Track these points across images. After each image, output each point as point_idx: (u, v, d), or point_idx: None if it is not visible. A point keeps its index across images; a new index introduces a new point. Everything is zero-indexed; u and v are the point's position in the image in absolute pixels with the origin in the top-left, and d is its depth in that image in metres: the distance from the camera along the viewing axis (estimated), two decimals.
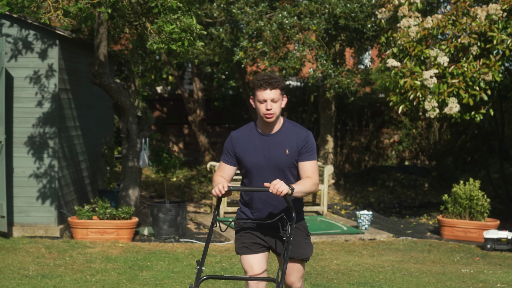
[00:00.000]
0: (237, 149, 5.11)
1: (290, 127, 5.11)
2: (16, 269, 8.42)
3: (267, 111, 4.95)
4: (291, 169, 5.07)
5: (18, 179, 10.58)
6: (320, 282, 8.09)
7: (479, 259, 9.87)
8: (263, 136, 5.09)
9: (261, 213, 5.09)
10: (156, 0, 8.29)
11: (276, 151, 5.04)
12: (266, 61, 13.12)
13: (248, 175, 5.13)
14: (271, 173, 5.02)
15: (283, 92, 5.04)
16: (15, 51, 10.49)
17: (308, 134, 5.09)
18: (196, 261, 4.49)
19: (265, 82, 4.95)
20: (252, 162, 5.07)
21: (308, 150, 5.06)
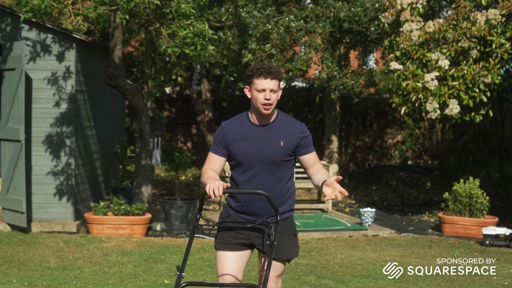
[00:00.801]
0: (228, 139, 4.87)
1: (284, 118, 4.91)
2: (37, 261, 8.89)
3: (266, 101, 4.72)
4: (284, 162, 4.85)
5: (36, 177, 11.05)
6: (325, 274, 8.54)
7: (478, 254, 10.29)
8: (256, 126, 4.85)
9: (249, 206, 4.87)
10: (170, 7, 8.76)
11: (269, 143, 4.82)
12: (274, 63, 13.57)
13: (238, 167, 4.90)
14: (262, 165, 4.82)
15: (280, 83, 4.85)
16: (33, 54, 10.95)
17: (303, 125, 4.93)
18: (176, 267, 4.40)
19: (265, 71, 4.74)
20: (243, 153, 4.83)
21: (309, 142, 4.89)
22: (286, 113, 4.98)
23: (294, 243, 4.93)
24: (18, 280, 7.82)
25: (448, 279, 8.40)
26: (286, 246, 4.86)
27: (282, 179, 4.87)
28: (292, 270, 8.72)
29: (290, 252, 4.89)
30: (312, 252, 10.00)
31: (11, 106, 10.66)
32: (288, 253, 4.88)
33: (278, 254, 4.81)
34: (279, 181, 4.85)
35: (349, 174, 18.55)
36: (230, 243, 4.87)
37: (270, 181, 4.84)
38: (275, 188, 4.84)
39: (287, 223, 4.92)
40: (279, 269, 4.90)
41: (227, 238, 4.89)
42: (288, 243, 4.87)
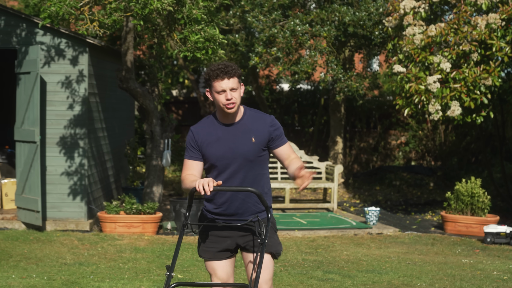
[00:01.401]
0: (200, 142, 4.80)
1: (252, 114, 4.85)
2: (54, 258, 9.24)
3: (228, 101, 4.64)
4: (258, 159, 4.80)
5: (50, 177, 11.40)
6: (332, 269, 8.87)
7: (479, 251, 10.61)
8: (225, 126, 4.78)
9: (227, 207, 4.80)
10: (182, 13, 9.11)
11: (241, 141, 4.75)
12: (280, 66, 13.92)
13: (213, 170, 4.82)
14: (238, 165, 4.76)
15: (240, 80, 4.76)
16: (48, 58, 11.30)
17: (272, 117, 4.85)
18: (166, 266, 4.39)
19: (221, 71, 4.64)
20: (216, 156, 4.76)
21: (279, 134, 4.80)
22: (254, 109, 4.91)
23: (277, 239, 4.86)
24: (38, 275, 8.16)
25: (450, 274, 8.72)
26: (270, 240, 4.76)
27: (259, 175, 4.82)
28: (300, 266, 9.06)
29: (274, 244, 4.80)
30: (319, 249, 10.33)
31: (26, 108, 11.01)
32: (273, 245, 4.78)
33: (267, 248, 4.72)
34: (255, 179, 4.80)
35: (353, 174, 18.87)
36: (215, 251, 4.82)
37: (247, 179, 4.77)
38: (253, 186, 4.73)
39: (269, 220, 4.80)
40: (269, 266, 4.79)
41: (211, 246, 4.83)
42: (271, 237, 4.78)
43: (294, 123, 20.89)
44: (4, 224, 11.31)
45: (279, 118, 20.40)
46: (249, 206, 4.78)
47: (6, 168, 12.88)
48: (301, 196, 16.03)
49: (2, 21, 11.24)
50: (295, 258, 9.60)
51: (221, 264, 4.83)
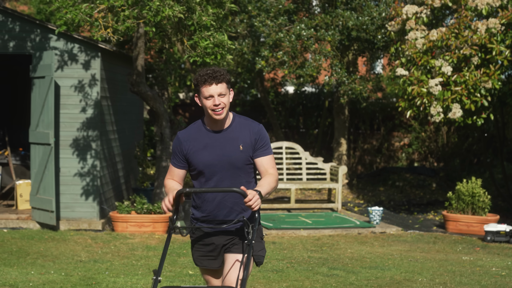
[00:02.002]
0: (185, 150, 4.75)
1: (241, 121, 4.78)
2: (70, 255, 9.61)
3: (216, 107, 4.60)
4: (246, 167, 4.76)
5: (64, 178, 11.77)
6: (337, 266, 9.23)
7: (480, 249, 10.95)
8: (213, 133, 4.73)
9: (215, 215, 4.74)
10: (192, 19, 9.48)
11: (229, 148, 4.70)
12: (286, 70, 14.29)
13: (199, 177, 4.76)
14: (225, 172, 4.70)
15: (229, 85, 4.70)
16: (61, 62, 11.68)
17: (260, 127, 4.78)
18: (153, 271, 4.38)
19: (209, 76, 4.59)
20: (203, 163, 4.70)
21: (263, 144, 4.74)
22: (244, 116, 4.85)
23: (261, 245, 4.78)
24: (55, 271, 8.53)
25: (450, 270, 9.07)
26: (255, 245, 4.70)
27: (246, 183, 4.75)
28: (306, 262, 9.41)
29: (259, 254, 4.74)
30: (324, 247, 10.68)
31: (40, 111, 11.39)
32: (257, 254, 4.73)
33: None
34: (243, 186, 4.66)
35: (357, 176, 19.23)
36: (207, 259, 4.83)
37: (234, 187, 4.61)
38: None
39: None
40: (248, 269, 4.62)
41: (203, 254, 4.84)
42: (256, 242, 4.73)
43: (299, 125, 21.24)
44: (19, 223, 11.68)
45: (284, 120, 20.76)
46: (236, 215, 4.71)
47: (20, 169, 13.25)
48: (306, 196, 16.38)
49: (17, 26, 11.62)
50: (301, 255, 9.96)
51: (216, 273, 4.87)
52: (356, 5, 15.05)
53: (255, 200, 4.42)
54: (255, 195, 4.42)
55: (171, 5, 8.97)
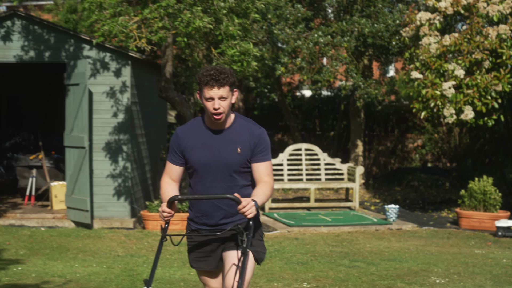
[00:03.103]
0: (183, 146, 4.61)
1: (242, 122, 4.64)
2: (107, 251, 10.28)
3: (215, 111, 4.46)
4: (242, 170, 4.60)
5: (97, 179, 12.46)
6: (357, 258, 9.87)
7: (491, 243, 11.55)
8: (212, 133, 4.59)
9: (209, 217, 4.62)
10: (220, 29, 10.15)
11: (226, 150, 4.56)
12: (304, 75, 14.96)
13: (195, 175, 4.65)
14: (220, 174, 4.56)
15: (232, 87, 4.52)
16: (94, 70, 12.37)
17: (261, 131, 4.62)
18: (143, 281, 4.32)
19: (212, 79, 4.41)
20: (199, 161, 4.56)
21: (262, 149, 4.60)
22: (247, 118, 4.72)
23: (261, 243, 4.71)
24: (97, 264, 9.21)
25: (464, 262, 9.70)
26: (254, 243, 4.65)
27: (243, 187, 4.64)
28: (328, 256, 10.06)
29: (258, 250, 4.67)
30: (344, 242, 11.32)
31: (75, 117, 12.09)
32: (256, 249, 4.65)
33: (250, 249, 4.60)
34: (239, 190, 4.60)
35: (373, 176, 19.85)
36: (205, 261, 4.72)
37: (229, 190, 4.57)
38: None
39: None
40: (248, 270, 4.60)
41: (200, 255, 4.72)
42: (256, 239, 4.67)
43: (315, 128, 21.88)
44: (55, 223, 12.38)
45: (301, 123, 21.41)
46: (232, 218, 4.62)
47: (53, 172, 13.95)
48: (324, 196, 17.02)
49: (52, 37, 12.33)
50: (323, 249, 10.60)
51: (213, 274, 4.78)
52: (371, 12, 15.69)
53: (249, 208, 4.31)
54: (249, 203, 4.31)
55: (201, 17, 9.64)
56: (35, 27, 12.34)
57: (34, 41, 12.32)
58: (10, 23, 12.32)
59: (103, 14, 9.87)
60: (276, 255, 9.99)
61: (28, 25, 12.33)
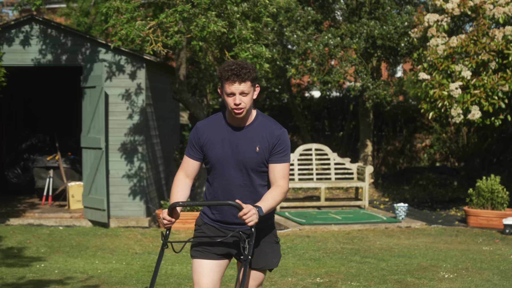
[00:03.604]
0: (202, 141, 4.55)
1: (263, 121, 4.56)
2: (125, 248, 10.60)
3: (236, 106, 4.39)
4: (259, 169, 4.53)
5: (113, 180, 12.78)
6: (368, 255, 10.16)
7: (499, 241, 11.82)
8: (232, 129, 4.53)
9: (224, 214, 4.56)
10: (233, 33, 10.45)
11: (245, 147, 4.49)
12: (315, 77, 15.26)
13: (212, 171, 4.58)
14: (237, 171, 4.51)
15: (254, 82, 4.45)
16: (109, 73, 12.69)
17: (282, 131, 4.53)
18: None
19: (233, 74, 4.34)
20: (217, 157, 4.51)
21: (281, 150, 4.51)
22: (269, 117, 4.65)
23: (276, 252, 4.66)
24: (116, 261, 9.53)
25: (472, 258, 9.98)
26: (267, 255, 4.62)
27: (260, 187, 4.58)
28: (339, 252, 10.35)
29: (271, 262, 4.63)
30: (354, 239, 11.61)
31: (92, 118, 12.41)
32: (268, 263, 4.63)
33: (258, 264, 4.59)
34: (256, 189, 4.57)
35: (381, 176, 20.13)
36: (207, 251, 4.58)
37: (246, 188, 4.54)
38: (252, 196, 4.55)
39: (267, 230, 4.65)
40: (258, 278, 4.64)
41: (204, 246, 4.59)
42: (268, 252, 4.62)
43: (324, 128, 22.17)
44: (73, 222, 12.71)
45: (310, 123, 21.70)
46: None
47: (69, 172, 14.28)
48: (333, 195, 17.31)
49: (69, 41, 12.65)
50: (334, 246, 10.89)
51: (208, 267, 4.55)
52: (379, 14, 15.98)
53: (250, 215, 4.23)
54: (251, 210, 4.22)
55: (215, 21, 9.95)
56: (53, 31, 12.67)
57: (51, 45, 12.65)
58: (28, 28, 12.66)
59: (120, 18, 10.18)
60: (289, 252, 10.29)
61: (45, 29, 12.67)
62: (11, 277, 8.33)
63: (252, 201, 4.48)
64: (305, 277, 8.57)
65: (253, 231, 4.32)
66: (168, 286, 8.06)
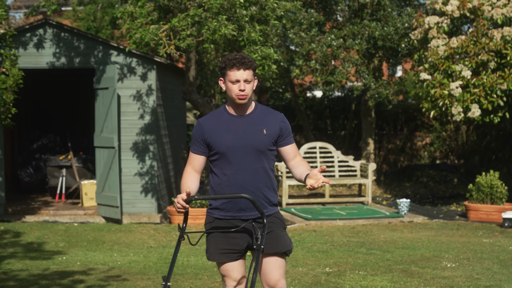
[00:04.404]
0: (207, 134, 4.72)
1: (263, 109, 4.84)
2: (139, 243, 11.05)
3: (240, 92, 4.64)
4: (268, 151, 4.76)
5: (125, 177, 13.23)
6: (373, 247, 10.62)
7: (498, 234, 12.27)
8: (235, 118, 4.75)
9: (236, 201, 4.70)
10: (242, 36, 10.91)
11: (252, 132, 4.71)
12: (318, 77, 15.72)
13: (221, 161, 4.72)
14: (247, 155, 4.70)
15: (255, 73, 4.74)
16: (121, 75, 13.14)
17: (283, 115, 4.86)
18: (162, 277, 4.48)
19: (238, 61, 4.61)
20: (226, 145, 4.68)
21: (289, 132, 4.83)
22: (265, 106, 4.92)
23: (287, 236, 4.83)
24: (134, 254, 9.98)
25: (472, 249, 10.44)
26: (282, 238, 4.78)
27: (267, 170, 4.79)
28: (346, 245, 10.81)
29: (287, 243, 4.79)
30: (359, 233, 12.06)
31: (105, 118, 12.86)
32: (285, 244, 4.79)
33: (278, 247, 4.74)
34: (265, 171, 4.77)
35: (384, 173, 20.60)
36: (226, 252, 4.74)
37: (257, 171, 4.74)
38: (262, 179, 4.76)
39: (275, 217, 4.84)
40: (283, 265, 4.79)
41: (221, 247, 4.74)
42: (282, 235, 4.78)
43: (327, 127, 22.63)
44: (87, 218, 13.16)
45: (313, 123, 22.17)
46: (258, 200, 4.71)
47: (82, 171, 14.73)
48: (337, 192, 17.76)
49: (82, 44, 13.11)
50: (341, 240, 11.35)
51: (235, 265, 4.76)
52: (380, 16, 16.45)
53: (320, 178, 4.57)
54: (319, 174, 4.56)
55: (226, 24, 10.41)
56: (66, 34, 13.13)
57: (65, 48, 13.11)
58: (42, 31, 13.11)
59: (134, 23, 10.63)
60: (297, 245, 10.74)
61: (59, 33, 13.12)
62: (36, 269, 8.79)
63: (263, 184, 4.74)
64: (315, 267, 9.03)
65: (265, 222, 4.53)
66: (186, 275, 8.51)
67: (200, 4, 10.61)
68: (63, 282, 8.06)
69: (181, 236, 4.61)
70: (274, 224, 4.76)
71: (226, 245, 4.72)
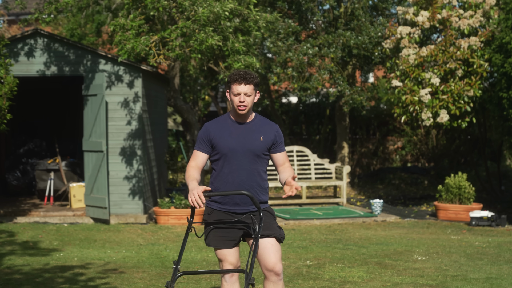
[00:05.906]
0: (212, 136, 5.41)
1: (262, 119, 5.54)
2: (129, 241, 11.70)
3: (240, 103, 5.31)
4: (262, 155, 5.46)
5: (113, 180, 13.85)
6: (349, 243, 11.37)
7: (466, 231, 13.08)
8: (238, 124, 5.44)
9: (231, 198, 5.39)
10: (227, 46, 11.63)
11: (251, 137, 5.40)
12: (295, 84, 16.48)
13: (222, 160, 5.39)
14: (245, 157, 5.38)
15: (256, 88, 5.38)
16: (109, 82, 13.78)
17: (277, 126, 5.56)
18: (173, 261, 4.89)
19: (240, 77, 5.30)
20: (228, 147, 5.37)
21: (282, 142, 5.54)
22: (264, 117, 5.61)
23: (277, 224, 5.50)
24: (126, 251, 10.64)
25: (442, 245, 11.22)
26: (272, 224, 5.43)
27: (261, 172, 5.50)
28: (323, 242, 11.54)
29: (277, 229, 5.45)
30: (336, 231, 12.81)
31: (93, 124, 13.48)
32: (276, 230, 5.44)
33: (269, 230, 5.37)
34: (259, 173, 5.48)
35: (357, 176, 21.40)
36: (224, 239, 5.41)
37: (252, 172, 5.43)
38: (256, 179, 5.47)
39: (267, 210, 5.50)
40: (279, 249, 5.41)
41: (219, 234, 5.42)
42: (272, 222, 5.44)
43: (302, 132, 23.39)
44: (76, 219, 13.77)
45: (288, 127, 22.92)
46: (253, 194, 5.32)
47: (69, 174, 15.33)
48: (313, 194, 18.52)
49: (71, 53, 13.74)
50: (319, 237, 12.08)
51: (231, 251, 5.41)
52: (354, 25, 17.25)
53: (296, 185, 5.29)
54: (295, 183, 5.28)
55: (212, 36, 11.12)
56: (56, 44, 13.74)
57: (55, 57, 13.72)
58: (33, 41, 13.71)
59: (125, 35, 11.30)
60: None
61: (49, 42, 13.73)
62: (37, 264, 9.42)
63: (257, 184, 5.44)
64: (296, 261, 9.75)
65: (261, 215, 5.22)
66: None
67: (188, 17, 11.30)
68: (65, 275, 8.70)
69: (189, 228, 5.24)
70: (265, 216, 5.40)
71: (223, 233, 5.40)
